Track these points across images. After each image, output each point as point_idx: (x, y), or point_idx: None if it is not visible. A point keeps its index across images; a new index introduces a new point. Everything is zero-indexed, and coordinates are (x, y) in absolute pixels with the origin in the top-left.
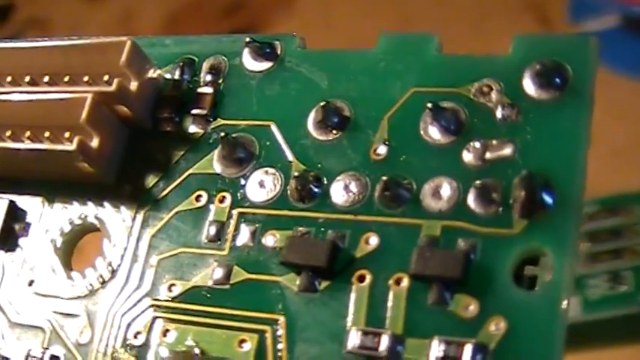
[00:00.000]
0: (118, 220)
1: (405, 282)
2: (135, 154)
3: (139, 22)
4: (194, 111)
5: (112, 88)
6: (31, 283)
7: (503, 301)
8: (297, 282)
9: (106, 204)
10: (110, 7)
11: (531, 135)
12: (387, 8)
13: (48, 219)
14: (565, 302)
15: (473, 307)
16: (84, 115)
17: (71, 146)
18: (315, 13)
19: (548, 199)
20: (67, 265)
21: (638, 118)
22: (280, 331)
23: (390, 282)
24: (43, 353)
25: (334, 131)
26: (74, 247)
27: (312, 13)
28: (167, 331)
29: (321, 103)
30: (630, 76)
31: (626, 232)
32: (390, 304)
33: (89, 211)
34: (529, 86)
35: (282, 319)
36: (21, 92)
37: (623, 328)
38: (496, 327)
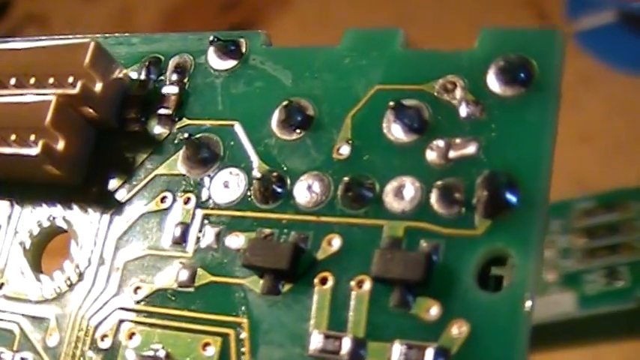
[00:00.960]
0: (85, 222)
1: (367, 284)
2: (102, 155)
3: (136, 19)
4: (160, 111)
5: (76, 90)
6: (0, 286)
7: (466, 304)
8: (260, 284)
9: (73, 206)
10: (108, 3)
11: (496, 132)
12: (384, 5)
13: (17, 221)
14: (529, 303)
15: (435, 310)
16: (48, 118)
17: (36, 150)
18: (312, 10)
19: (512, 198)
20: (37, 268)
21: (637, 114)
22: (243, 335)
23: (352, 284)
24: (13, 357)
25: (298, 130)
26: (43, 250)
27: (309, 9)
28: (133, 334)
29: (284, 103)
30: (628, 72)
31: (623, 228)
32: (352, 306)
33: (57, 213)
34: (493, 83)
35: (245, 322)
36: None
37: (619, 324)
38: (458, 330)
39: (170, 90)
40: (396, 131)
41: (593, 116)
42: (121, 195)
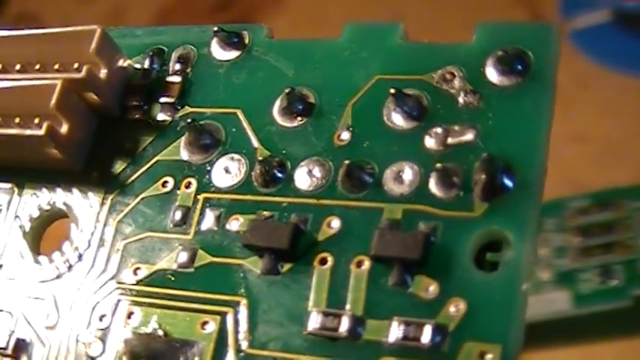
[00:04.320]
0: (85, 206)
1: (366, 264)
2: (103, 141)
3: (129, 18)
4: (162, 99)
5: (82, 74)
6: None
7: (463, 283)
8: (260, 265)
9: (74, 190)
10: (100, 3)
11: (493, 121)
12: (378, 4)
13: (17, 205)
14: (525, 285)
15: (433, 289)
16: (53, 101)
17: (40, 131)
18: (305, 10)
19: (508, 182)
20: (36, 250)
21: (629, 113)
22: (242, 313)
23: (351, 264)
24: (10, 336)
25: (299, 118)
26: (43, 233)
27: (303, 9)
28: (131, 313)
29: (286, 90)
30: (621, 72)
31: (618, 227)
32: (350, 286)
33: (57, 197)
34: (491, 73)
35: (244, 301)
36: None
37: (614, 323)
38: (456, 308)
39: (173, 79)
40: (395, 119)
41: (587, 116)
42: (122, 180)
